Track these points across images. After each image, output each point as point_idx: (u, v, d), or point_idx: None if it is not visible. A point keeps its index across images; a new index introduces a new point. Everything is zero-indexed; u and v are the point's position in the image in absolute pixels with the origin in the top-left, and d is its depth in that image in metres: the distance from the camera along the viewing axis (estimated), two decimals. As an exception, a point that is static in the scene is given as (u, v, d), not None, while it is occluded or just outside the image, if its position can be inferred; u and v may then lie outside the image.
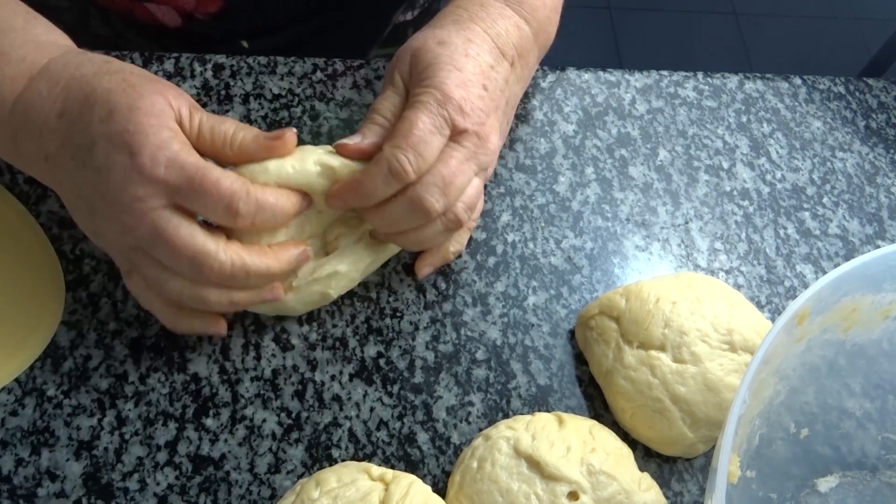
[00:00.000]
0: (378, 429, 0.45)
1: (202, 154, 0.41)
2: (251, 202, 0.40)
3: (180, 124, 0.41)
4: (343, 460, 0.44)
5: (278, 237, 0.44)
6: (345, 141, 0.44)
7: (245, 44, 0.64)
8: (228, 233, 0.43)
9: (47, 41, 0.43)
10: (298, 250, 0.43)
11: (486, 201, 0.53)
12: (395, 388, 0.46)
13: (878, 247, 0.53)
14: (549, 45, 0.53)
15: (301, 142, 0.53)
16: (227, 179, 0.40)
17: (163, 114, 0.40)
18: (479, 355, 0.48)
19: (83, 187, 0.40)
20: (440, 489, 0.43)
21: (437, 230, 0.45)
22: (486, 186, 0.54)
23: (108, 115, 0.39)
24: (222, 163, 0.42)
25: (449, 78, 0.43)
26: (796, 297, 0.36)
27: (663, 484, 0.45)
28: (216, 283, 0.42)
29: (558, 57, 0.54)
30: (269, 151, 0.42)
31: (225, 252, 0.40)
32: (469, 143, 0.43)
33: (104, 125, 0.39)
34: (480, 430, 0.45)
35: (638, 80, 0.61)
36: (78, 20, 0.63)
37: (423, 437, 0.45)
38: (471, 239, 0.52)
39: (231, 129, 0.42)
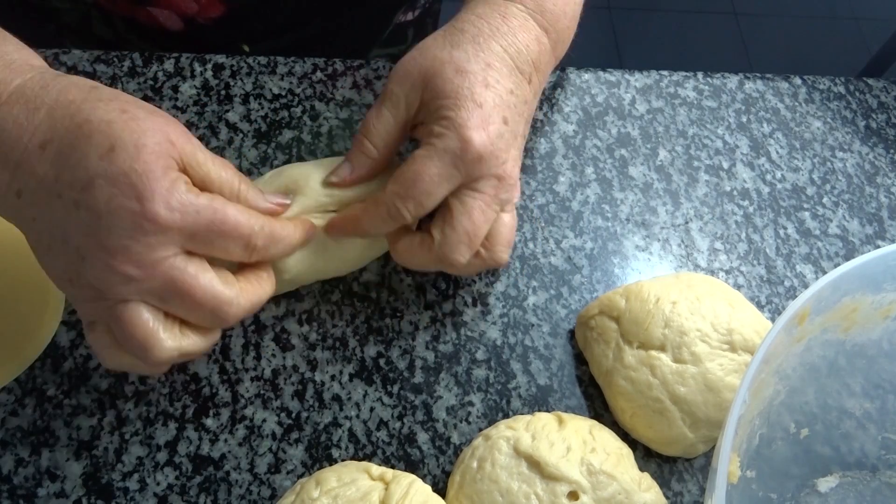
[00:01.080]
0: (378, 429, 0.45)
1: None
2: (266, 236, 0.40)
3: (185, 164, 0.38)
4: (343, 460, 0.44)
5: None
6: (333, 179, 0.44)
7: (246, 48, 0.64)
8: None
9: (18, 59, 0.38)
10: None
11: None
12: (395, 388, 0.46)
13: (878, 247, 0.53)
14: (563, 55, 0.51)
15: (301, 142, 0.53)
16: (242, 217, 0.38)
17: (169, 153, 0.37)
18: (479, 355, 0.48)
19: (70, 230, 0.35)
20: (440, 489, 0.43)
21: (478, 267, 0.46)
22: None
23: (109, 151, 0.35)
24: None
25: (470, 119, 0.41)
26: (796, 297, 0.36)
27: (663, 484, 0.45)
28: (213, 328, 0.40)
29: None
30: (271, 214, 0.42)
31: (243, 296, 0.39)
32: (488, 188, 0.43)
33: (104, 162, 0.35)
34: (480, 430, 0.45)
35: (638, 80, 0.61)
36: (80, 22, 0.63)
37: (423, 437, 0.45)
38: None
39: (236, 180, 0.41)
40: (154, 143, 0.36)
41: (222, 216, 0.37)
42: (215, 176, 0.39)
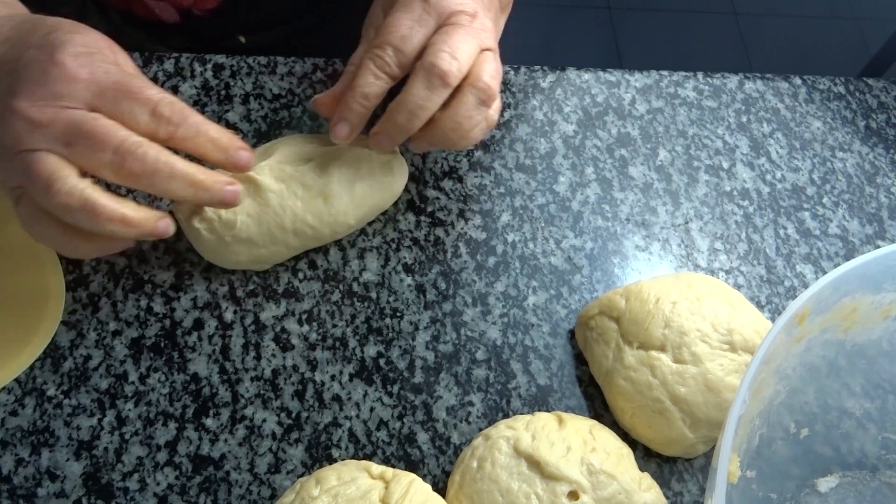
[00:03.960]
0: (378, 429, 0.45)
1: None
2: (175, 111, 0.40)
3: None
4: (343, 460, 0.44)
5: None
6: (317, 97, 0.47)
7: (242, 39, 0.64)
8: None
9: (11, 2, 0.45)
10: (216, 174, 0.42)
11: (486, 201, 0.53)
12: (395, 388, 0.46)
13: (878, 247, 0.53)
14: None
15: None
16: (152, 87, 0.40)
17: (102, 50, 0.39)
18: (479, 355, 0.48)
19: None
20: (440, 489, 0.43)
21: (470, 104, 0.44)
22: (486, 186, 0.54)
23: (48, 34, 0.39)
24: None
25: None
26: (796, 297, 0.36)
27: (663, 484, 0.45)
28: (137, 181, 0.40)
29: (558, 57, 0.54)
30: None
31: (150, 146, 0.39)
32: (462, 20, 0.44)
33: (41, 39, 0.39)
34: (480, 430, 0.45)
35: (638, 80, 0.61)
36: (76, 15, 0.63)
37: (423, 437, 0.45)
38: (471, 239, 0.52)
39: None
40: (91, 36, 0.39)
41: (130, 79, 0.39)
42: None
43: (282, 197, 0.45)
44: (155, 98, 0.39)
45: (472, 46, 0.44)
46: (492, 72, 0.45)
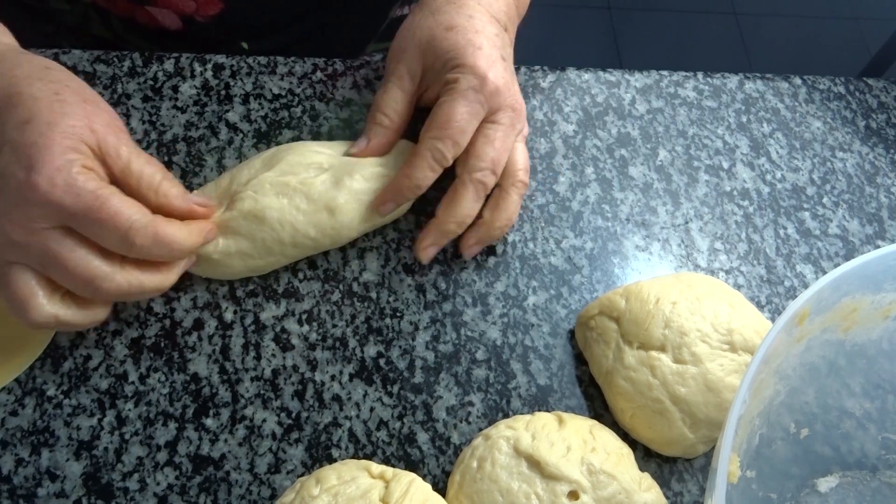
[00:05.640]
0: (378, 429, 0.45)
1: (122, 187, 0.41)
2: (148, 236, 0.40)
3: (103, 153, 0.40)
4: (343, 460, 0.44)
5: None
6: (353, 150, 0.48)
7: (245, 45, 0.64)
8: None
9: None
10: (183, 263, 0.44)
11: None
12: (395, 388, 0.47)
13: (878, 247, 0.53)
14: (524, 11, 0.56)
15: (300, 141, 0.53)
16: (124, 209, 0.39)
17: (82, 138, 0.39)
18: (479, 355, 0.48)
19: None
20: (440, 489, 0.43)
21: (516, 202, 0.49)
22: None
23: (24, 123, 0.38)
24: (143, 202, 0.42)
25: (478, 60, 0.46)
26: (796, 297, 0.36)
27: (663, 484, 0.45)
28: (110, 299, 0.43)
29: (558, 57, 0.54)
30: (190, 213, 0.44)
31: (121, 274, 0.40)
32: (506, 119, 0.47)
33: (17, 132, 0.38)
34: (480, 430, 0.45)
35: (638, 80, 0.61)
36: (78, 23, 0.63)
37: (423, 437, 0.45)
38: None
39: (158, 175, 0.42)
40: (67, 125, 0.39)
41: (102, 204, 0.38)
42: (136, 168, 0.41)
43: (282, 213, 0.45)
44: (124, 225, 0.39)
45: (507, 150, 0.47)
46: (525, 166, 0.49)
